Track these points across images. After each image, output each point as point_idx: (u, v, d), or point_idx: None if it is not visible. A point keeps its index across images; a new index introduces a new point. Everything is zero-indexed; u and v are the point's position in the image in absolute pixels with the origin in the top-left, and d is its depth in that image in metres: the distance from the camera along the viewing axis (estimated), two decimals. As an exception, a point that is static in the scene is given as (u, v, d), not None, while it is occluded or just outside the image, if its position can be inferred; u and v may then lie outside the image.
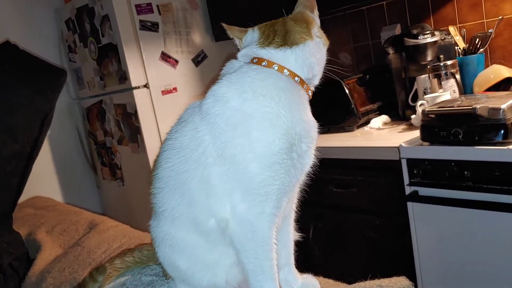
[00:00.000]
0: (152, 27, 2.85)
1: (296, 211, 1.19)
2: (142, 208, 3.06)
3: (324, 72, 1.13)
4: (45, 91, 1.89)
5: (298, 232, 1.22)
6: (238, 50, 1.15)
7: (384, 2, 2.63)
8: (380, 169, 2.03)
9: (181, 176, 1.05)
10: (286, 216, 1.14)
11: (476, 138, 1.68)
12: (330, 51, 1.14)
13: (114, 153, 3.22)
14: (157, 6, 2.86)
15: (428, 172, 1.82)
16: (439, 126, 1.79)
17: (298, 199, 1.17)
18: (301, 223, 1.21)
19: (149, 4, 2.83)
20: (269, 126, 1.00)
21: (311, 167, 1.11)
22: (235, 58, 1.13)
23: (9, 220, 1.88)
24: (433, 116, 1.82)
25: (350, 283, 1.13)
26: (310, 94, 1.11)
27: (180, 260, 1.12)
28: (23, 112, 1.84)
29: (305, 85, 1.08)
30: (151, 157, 2.84)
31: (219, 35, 3.01)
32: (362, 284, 1.08)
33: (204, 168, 1.02)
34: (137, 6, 2.78)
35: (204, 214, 1.05)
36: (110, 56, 2.91)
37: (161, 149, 1.12)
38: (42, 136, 1.91)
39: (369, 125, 2.41)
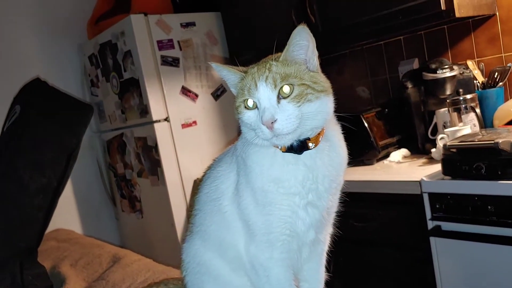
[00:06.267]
0: (173, 62, 2.92)
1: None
2: (160, 240, 3.07)
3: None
4: (72, 127, 1.94)
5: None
6: None
7: (402, 37, 2.68)
8: (401, 203, 2.02)
9: (212, 203, 1.10)
10: (312, 257, 1.13)
11: (499, 173, 1.68)
12: (348, 85, 1.14)
13: (133, 185, 3.25)
14: (178, 41, 2.94)
15: (450, 206, 1.81)
16: (461, 160, 1.79)
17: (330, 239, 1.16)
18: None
19: (170, 40, 2.91)
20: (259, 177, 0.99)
21: (336, 212, 1.11)
22: None
23: (35, 253, 1.90)
24: (454, 150, 1.83)
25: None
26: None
27: (207, 283, 1.12)
28: (50, 147, 1.88)
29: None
30: (171, 190, 2.88)
31: (238, 70, 3.06)
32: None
33: (225, 202, 1.06)
34: (158, 42, 2.86)
35: (226, 243, 1.08)
36: (131, 90, 2.98)
37: (204, 176, 1.16)
38: (68, 170, 1.95)
39: (388, 159, 2.41)
